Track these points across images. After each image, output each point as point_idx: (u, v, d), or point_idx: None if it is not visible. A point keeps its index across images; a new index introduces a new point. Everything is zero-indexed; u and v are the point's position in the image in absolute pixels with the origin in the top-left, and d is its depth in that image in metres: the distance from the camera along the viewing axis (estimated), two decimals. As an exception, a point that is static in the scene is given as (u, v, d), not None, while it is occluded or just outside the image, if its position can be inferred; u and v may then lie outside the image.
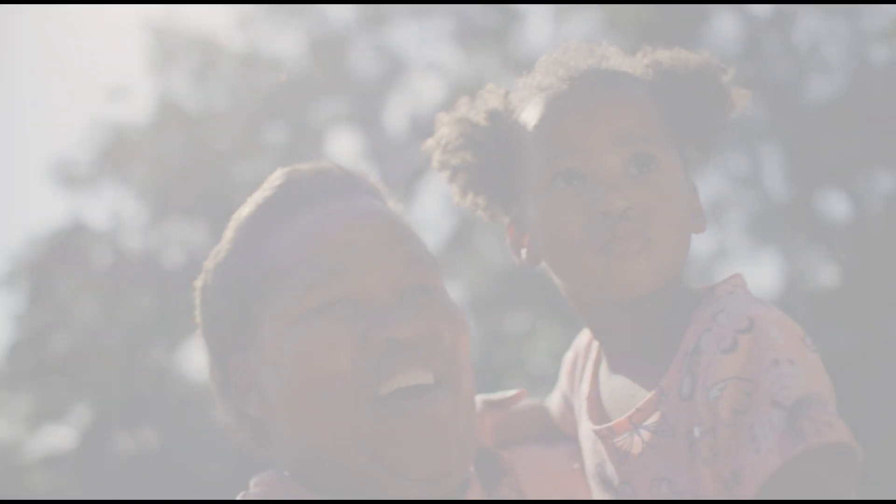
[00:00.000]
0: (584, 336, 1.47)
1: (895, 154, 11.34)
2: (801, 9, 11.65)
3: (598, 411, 1.35)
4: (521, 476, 1.46)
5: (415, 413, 1.30)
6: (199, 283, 1.47)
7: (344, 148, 14.70)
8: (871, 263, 11.36)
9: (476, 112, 1.39)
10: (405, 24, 14.17)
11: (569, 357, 1.51)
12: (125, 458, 13.36)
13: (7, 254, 14.94)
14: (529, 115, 1.33)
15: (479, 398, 1.52)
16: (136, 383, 13.72)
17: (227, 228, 1.46)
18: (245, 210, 1.45)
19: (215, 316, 1.43)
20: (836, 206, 12.31)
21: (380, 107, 14.24)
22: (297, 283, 1.35)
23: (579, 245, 1.26)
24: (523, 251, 1.38)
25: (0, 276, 14.61)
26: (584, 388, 1.39)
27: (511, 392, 1.54)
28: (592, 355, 1.41)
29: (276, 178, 1.45)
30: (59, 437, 14.45)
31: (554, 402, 1.56)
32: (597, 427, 1.32)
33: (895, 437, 9.41)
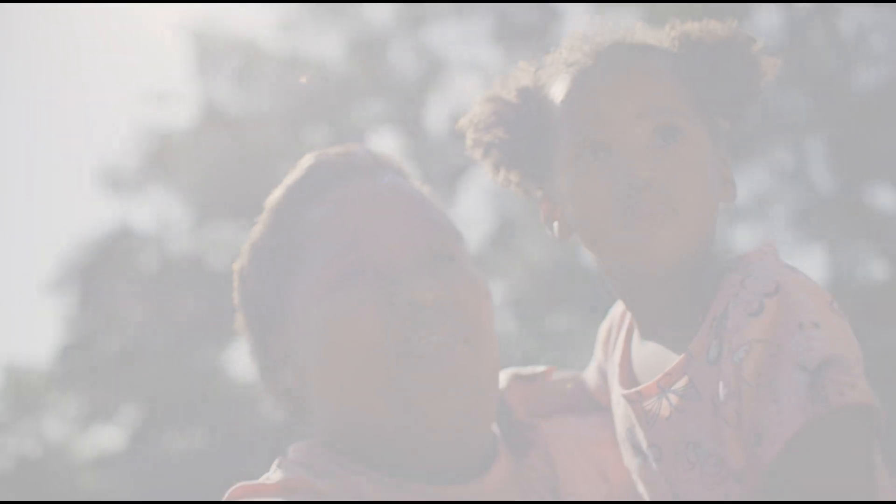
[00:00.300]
0: (619, 306, 1.49)
1: (944, 145, 11.13)
2: (846, -1, 11.47)
3: (629, 376, 1.37)
4: (552, 446, 1.50)
5: (435, 364, 1.37)
6: (236, 265, 1.54)
7: (385, 148, 14.75)
8: (921, 257, 11.15)
9: (507, 90, 1.43)
10: (444, 24, 14.20)
11: (603, 327, 1.53)
12: (174, 458, 13.54)
13: (57, 259, 15.22)
14: (556, 90, 1.36)
15: (509, 371, 1.57)
16: (184, 384, 13.90)
17: (263, 211, 1.54)
18: (277, 193, 1.53)
19: (252, 294, 1.51)
20: (883, 198, 12.11)
21: (420, 107, 14.28)
22: (324, 254, 1.42)
23: (605, 217, 1.28)
24: (555, 224, 1.41)
25: (51, 281, 14.90)
26: (617, 355, 1.42)
27: (541, 368, 1.58)
28: (626, 324, 1.43)
29: (305, 161, 1.54)
30: (108, 437, 14.70)
31: (590, 373, 1.59)
32: (626, 391, 1.35)
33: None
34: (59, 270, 14.92)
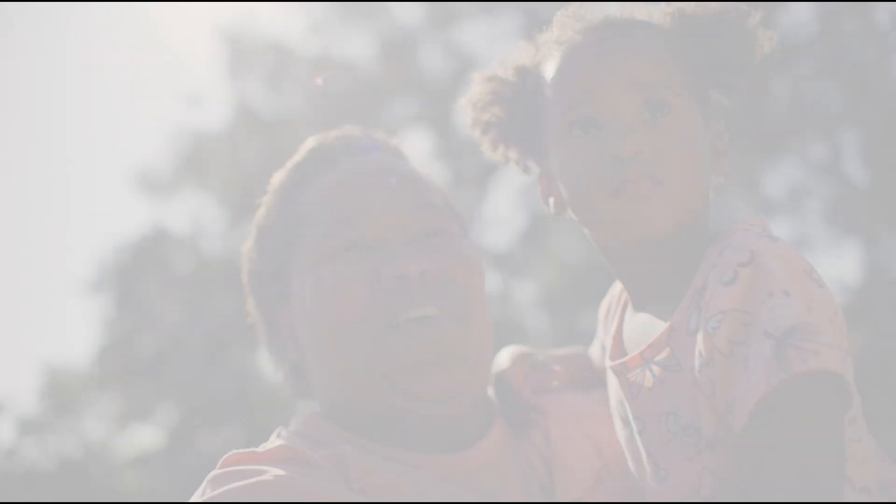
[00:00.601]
0: (619, 284, 1.50)
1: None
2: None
3: (620, 349, 1.39)
4: (551, 422, 1.51)
5: (420, 336, 1.40)
6: (244, 247, 1.60)
7: (416, 148, 14.81)
8: (960, 250, 10.98)
9: (505, 69, 1.44)
10: (474, 23, 14.21)
11: (604, 304, 1.55)
12: (211, 457, 13.66)
13: (95, 261, 15.43)
14: (549, 68, 1.37)
15: (514, 349, 1.61)
16: (220, 383, 14.03)
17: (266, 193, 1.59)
18: (278, 175, 1.59)
19: (257, 273, 1.56)
20: (920, 191, 11.91)
21: (451, 106, 14.30)
22: (316, 231, 1.47)
23: (594, 190, 1.30)
24: (551, 200, 1.42)
25: (89, 283, 15.11)
26: (612, 328, 1.43)
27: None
28: (623, 299, 1.44)
29: (306, 144, 1.60)
30: (146, 436, 14.88)
31: (594, 350, 1.62)
32: (612, 363, 1.36)
33: None
34: (96, 272, 15.13)
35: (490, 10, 13.87)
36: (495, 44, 14.27)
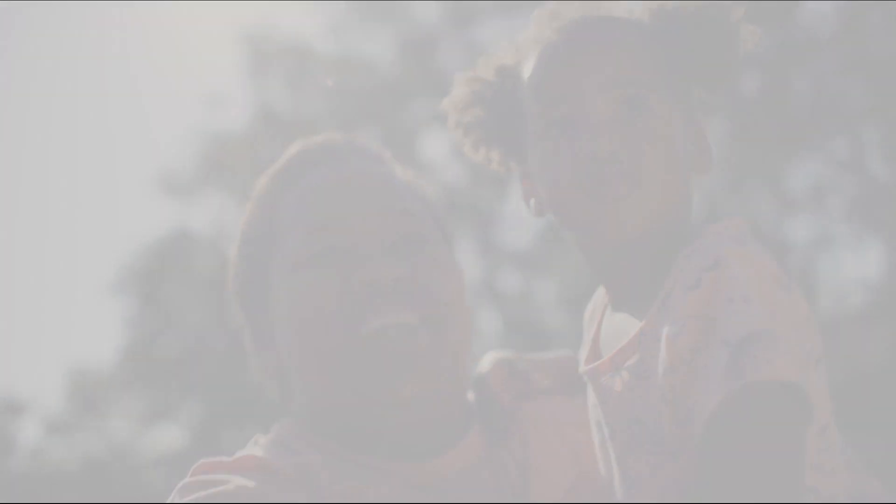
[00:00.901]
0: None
1: None
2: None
3: (596, 352, 1.36)
4: (529, 428, 1.50)
5: (389, 344, 1.39)
6: (231, 252, 1.60)
7: (436, 148, 14.83)
8: None
9: (486, 69, 1.42)
10: (493, 23, 14.21)
11: (589, 306, 1.52)
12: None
13: (118, 263, 15.56)
14: (527, 67, 1.36)
15: (496, 355, 1.59)
16: (243, 383, 14.11)
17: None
18: (261, 180, 1.59)
19: (241, 279, 1.56)
20: (945, 187, 11.80)
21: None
22: (294, 237, 1.47)
23: (571, 190, 1.28)
24: (532, 202, 1.41)
25: (112, 284, 15.24)
26: (592, 331, 1.41)
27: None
28: (605, 301, 1.42)
29: (289, 150, 1.60)
30: (170, 436, 14.98)
31: (581, 354, 1.57)
32: (584, 367, 1.34)
33: None
34: (119, 274, 15.25)
35: (509, 9, 13.87)
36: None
